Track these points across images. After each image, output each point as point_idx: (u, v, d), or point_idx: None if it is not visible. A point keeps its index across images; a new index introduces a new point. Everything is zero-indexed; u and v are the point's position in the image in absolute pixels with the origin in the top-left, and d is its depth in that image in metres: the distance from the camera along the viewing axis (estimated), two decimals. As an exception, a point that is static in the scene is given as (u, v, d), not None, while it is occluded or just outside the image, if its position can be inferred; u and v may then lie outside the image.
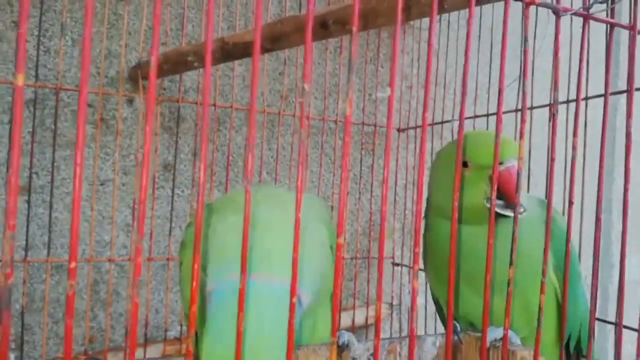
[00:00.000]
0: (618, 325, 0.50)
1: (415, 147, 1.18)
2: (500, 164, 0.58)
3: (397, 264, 1.22)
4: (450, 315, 0.41)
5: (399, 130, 1.22)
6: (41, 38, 0.96)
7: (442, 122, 1.11)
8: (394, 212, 1.22)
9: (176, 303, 1.07)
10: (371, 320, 1.17)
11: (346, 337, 0.52)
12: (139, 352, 0.99)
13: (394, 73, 0.41)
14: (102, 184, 1.01)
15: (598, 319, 0.86)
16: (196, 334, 0.59)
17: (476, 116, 1.03)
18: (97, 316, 1.02)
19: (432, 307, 1.10)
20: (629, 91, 0.49)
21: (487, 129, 1.03)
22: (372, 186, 1.22)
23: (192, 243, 0.53)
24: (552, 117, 0.49)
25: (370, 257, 1.21)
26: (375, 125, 1.19)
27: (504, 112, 1.00)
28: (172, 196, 1.03)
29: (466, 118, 1.07)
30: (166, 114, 1.05)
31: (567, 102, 0.89)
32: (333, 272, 0.60)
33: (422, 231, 0.68)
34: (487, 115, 1.00)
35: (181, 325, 1.03)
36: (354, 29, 0.40)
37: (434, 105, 1.17)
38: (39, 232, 0.97)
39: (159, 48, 0.34)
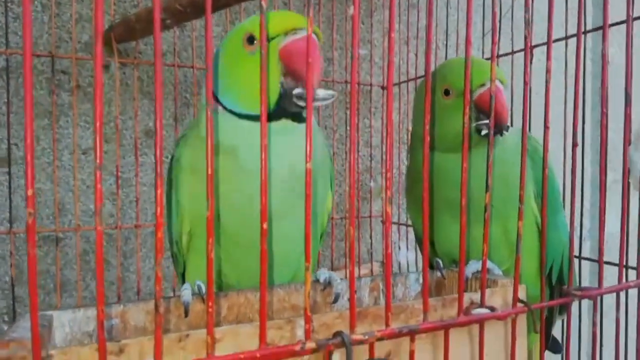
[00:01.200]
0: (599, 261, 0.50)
1: (400, 105, 1.17)
2: (482, 85, 0.56)
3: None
4: (425, 245, 0.41)
5: (382, 87, 1.21)
6: (9, 4, 0.93)
7: (415, 78, 1.09)
8: (381, 171, 1.22)
9: (167, 269, 1.07)
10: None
11: (327, 274, 0.52)
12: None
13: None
14: (83, 153, 1.00)
15: (577, 257, 0.87)
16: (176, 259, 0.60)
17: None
18: (89, 285, 1.01)
19: (420, 262, 1.10)
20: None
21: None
22: (358, 145, 1.21)
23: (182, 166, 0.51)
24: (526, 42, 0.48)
25: (359, 217, 1.21)
26: (359, 84, 1.17)
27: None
28: (156, 162, 1.01)
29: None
30: (144, 79, 1.03)
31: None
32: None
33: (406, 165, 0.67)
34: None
35: (174, 290, 1.04)
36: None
37: (417, 61, 1.15)
38: (23, 204, 0.96)
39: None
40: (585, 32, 0.82)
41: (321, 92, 0.47)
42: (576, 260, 0.88)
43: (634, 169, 0.68)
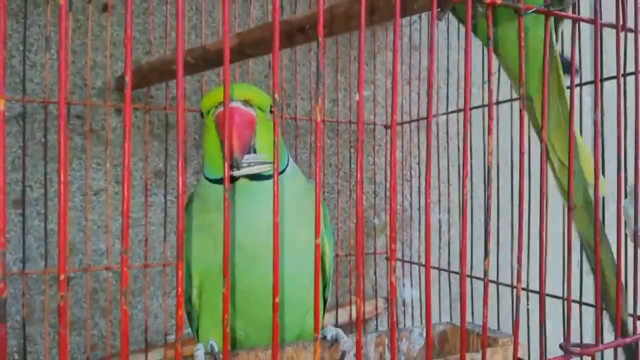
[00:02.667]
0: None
1: (403, 143, 1.20)
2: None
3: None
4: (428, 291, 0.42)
5: (386, 126, 1.24)
6: (26, 53, 0.98)
7: (418, 120, 1.12)
8: (384, 208, 1.24)
9: (174, 308, 1.09)
10: (368, 315, 1.19)
11: (334, 331, 0.54)
12: (140, 357, 1.01)
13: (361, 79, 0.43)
14: (95, 194, 1.03)
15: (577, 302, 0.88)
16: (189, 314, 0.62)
17: (457, 110, 1.05)
18: (98, 324, 1.03)
19: (427, 299, 1.12)
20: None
21: (483, 120, 1.04)
22: (362, 183, 1.24)
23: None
24: (520, 111, 0.51)
25: (363, 254, 1.23)
26: (362, 124, 1.21)
27: (472, 108, 1.02)
28: (165, 202, 1.04)
29: (452, 112, 1.09)
30: (155, 122, 1.07)
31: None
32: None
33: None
34: (470, 108, 1.02)
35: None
36: (320, 38, 0.41)
37: (419, 101, 1.18)
38: (36, 244, 0.99)
39: (131, 67, 0.36)
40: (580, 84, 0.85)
41: (246, 159, 0.51)
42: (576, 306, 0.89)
43: (630, 222, 0.70)
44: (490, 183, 0.48)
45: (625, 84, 0.65)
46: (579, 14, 0.50)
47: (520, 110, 0.51)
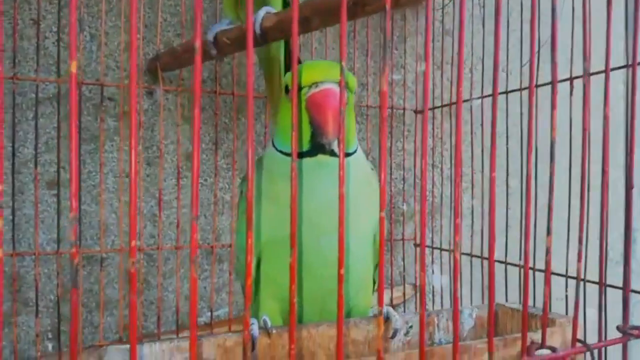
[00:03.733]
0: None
1: (434, 128, 1.18)
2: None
3: (419, 245, 1.22)
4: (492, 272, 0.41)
5: (416, 112, 1.22)
6: (60, 34, 0.97)
7: (449, 104, 1.10)
8: (414, 194, 1.23)
9: (205, 290, 1.09)
10: (396, 302, 1.18)
11: (385, 309, 0.54)
12: (163, 338, 1.02)
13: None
14: (127, 176, 1.03)
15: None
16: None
17: (483, 96, 1.03)
18: (129, 304, 1.04)
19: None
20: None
21: (506, 108, 1.02)
22: (391, 169, 1.23)
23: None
24: (584, 87, 0.49)
25: (392, 240, 1.22)
26: (392, 108, 1.19)
27: (511, 91, 1.00)
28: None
29: (483, 97, 1.07)
30: (185, 105, 1.06)
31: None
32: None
33: None
34: (507, 92, 1.00)
35: (211, 311, 1.05)
36: (387, 6, 0.40)
37: (451, 86, 1.16)
38: (70, 225, 0.99)
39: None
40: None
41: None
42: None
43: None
44: (553, 159, 0.47)
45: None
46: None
47: (584, 85, 0.49)
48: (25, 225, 0.96)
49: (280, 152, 0.56)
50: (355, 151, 0.57)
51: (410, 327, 0.54)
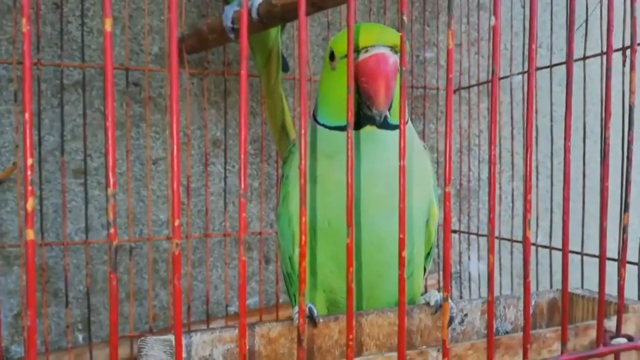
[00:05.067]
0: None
1: (469, 109, 1.13)
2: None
3: (455, 231, 1.18)
4: (566, 261, 0.37)
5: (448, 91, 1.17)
6: (84, 18, 0.95)
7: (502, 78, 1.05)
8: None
9: (234, 279, 1.06)
10: (430, 289, 1.14)
11: (438, 296, 0.50)
12: (201, 328, 0.99)
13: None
14: (154, 163, 1.00)
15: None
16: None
17: (537, 69, 0.97)
18: (159, 294, 1.02)
19: (495, 273, 1.05)
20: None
21: (550, 82, 0.96)
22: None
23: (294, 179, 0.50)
24: (623, 63, 0.44)
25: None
26: (425, 88, 1.14)
27: (555, 65, 0.94)
28: (225, 172, 1.01)
29: (520, 73, 1.01)
30: (212, 89, 1.03)
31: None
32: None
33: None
34: (550, 66, 0.94)
35: (241, 301, 1.03)
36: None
37: (486, 63, 1.11)
38: (97, 214, 0.97)
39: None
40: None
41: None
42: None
43: None
44: (632, 126, 0.42)
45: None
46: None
47: (623, 62, 0.44)
48: (53, 214, 0.95)
49: (323, 125, 0.51)
50: (406, 122, 0.52)
51: (465, 315, 0.50)
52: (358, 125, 0.48)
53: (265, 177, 1.07)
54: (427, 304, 0.50)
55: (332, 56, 0.49)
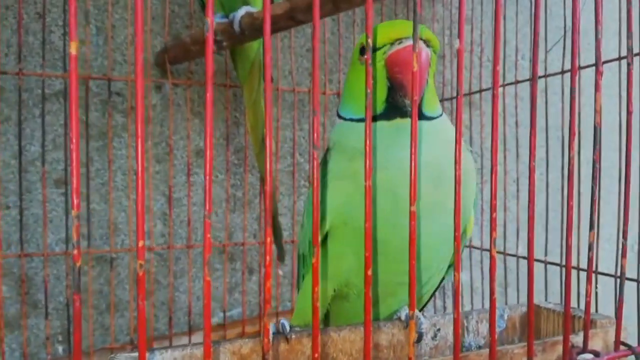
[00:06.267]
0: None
1: (451, 119, 1.14)
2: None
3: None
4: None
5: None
6: (66, 28, 0.95)
7: (479, 91, 1.06)
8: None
9: (217, 290, 1.06)
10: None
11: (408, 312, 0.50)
12: (183, 340, 0.99)
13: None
14: (136, 174, 1.00)
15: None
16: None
17: (517, 82, 0.99)
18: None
19: (477, 283, 1.06)
20: None
21: (530, 95, 0.98)
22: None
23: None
24: (628, 66, 0.45)
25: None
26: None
27: (548, 75, 0.95)
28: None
29: (505, 84, 1.02)
30: (195, 99, 1.03)
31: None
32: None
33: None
34: (532, 79, 0.95)
35: (224, 312, 1.03)
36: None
37: (470, 75, 1.12)
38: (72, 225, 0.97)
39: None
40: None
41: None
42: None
43: None
44: (597, 146, 0.43)
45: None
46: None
47: (628, 65, 0.45)
48: (33, 225, 0.94)
49: (350, 120, 0.51)
50: (440, 115, 0.52)
51: (438, 330, 0.50)
52: (388, 117, 0.48)
53: (249, 187, 1.07)
54: (399, 318, 0.50)
55: (362, 51, 0.50)
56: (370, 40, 0.36)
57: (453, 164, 0.46)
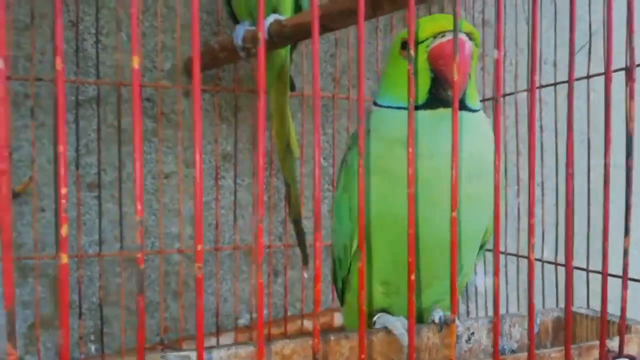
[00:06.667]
0: None
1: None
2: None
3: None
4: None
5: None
6: (99, 36, 0.98)
7: (503, 95, 1.07)
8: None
9: (244, 292, 1.08)
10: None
11: (442, 314, 0.51)
12: (211, 341, 1.01)
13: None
14: (166, 177, 1.03)
15: None
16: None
17: (541, 86, 0.99)
18: (170, 307, 1.04)
19: (506, 288, 1.06)
20: None
21: (555, 99, 0.98)
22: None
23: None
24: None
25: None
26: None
27: (576, 79, 0.95)
28: (235, 185, 1.03)
29: (528, 89, 1.02)
30: (223, 105, 1.05)
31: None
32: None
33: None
34: (555, 84, 0.96)
35: (250, 313, 1.04)
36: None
37: (491, 79, 1.12)
38: (110, 227, 0.99)
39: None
40: None
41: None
42: None
43: None
44: (631, 154, 0.44)
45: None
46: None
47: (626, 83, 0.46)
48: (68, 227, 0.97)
49: (388, 107, 0.51)
50: (480, 109, 0.53)
51: (472, 333, 0.51)
52: (433, 106, 0.49)
53: (274, 191, 1.09)
54: (433, 321, 0.51)
55: (403, 45, 0.51)
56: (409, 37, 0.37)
57: (490, 157, 0.47)
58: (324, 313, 1.07)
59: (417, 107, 0.49)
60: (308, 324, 1.05)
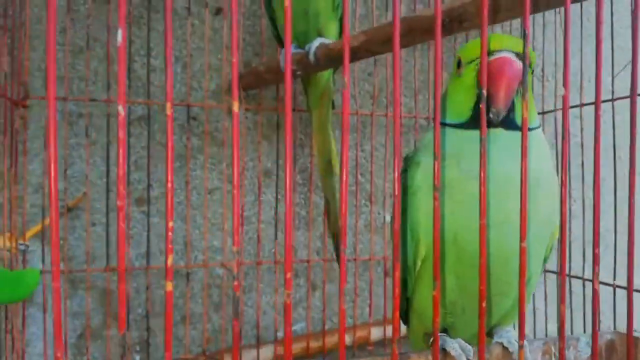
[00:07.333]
0: None
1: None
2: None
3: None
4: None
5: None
6: (148, 58, 1.02)
7: (542, 113, 1.07)
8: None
9: (281, 305, 1.10)
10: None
11: (505, 335, 0.52)
12: (251, 352, 1.03)
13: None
14: (210, 193, 1.06)
15: None
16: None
17: (583, 104, 0.99)
18: (211, 318, 1.07)
19: (539, 304, 1.06)
20: None
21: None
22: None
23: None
24: None
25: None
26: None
27: (616, 99, 0.96)
28: (276, 201, 1.06)
29: (572, 107, 1.03)
30: (265, 123, 1.08)
31: None
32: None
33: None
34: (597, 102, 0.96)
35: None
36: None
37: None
38: (156, 240, 1.03)
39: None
40: None
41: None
42: None
43: None
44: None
45: None
46: None
47: None
48: (116, 241, 1.01)
49: (450, 125, 0.51)
50: (538, 127, 0.53)
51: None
52: (475, 126, 0.48)
53: (313, 206, 1.11)
54: (501, 344, 0.52)
55: (459, 64, 0.52)
56: (463, 55, 0.38)
57: (546, 180, 0.49)
58: (361, 327, 1.09)
59: (461, 126, 0.50)
60: (346, 338, 1.07)
